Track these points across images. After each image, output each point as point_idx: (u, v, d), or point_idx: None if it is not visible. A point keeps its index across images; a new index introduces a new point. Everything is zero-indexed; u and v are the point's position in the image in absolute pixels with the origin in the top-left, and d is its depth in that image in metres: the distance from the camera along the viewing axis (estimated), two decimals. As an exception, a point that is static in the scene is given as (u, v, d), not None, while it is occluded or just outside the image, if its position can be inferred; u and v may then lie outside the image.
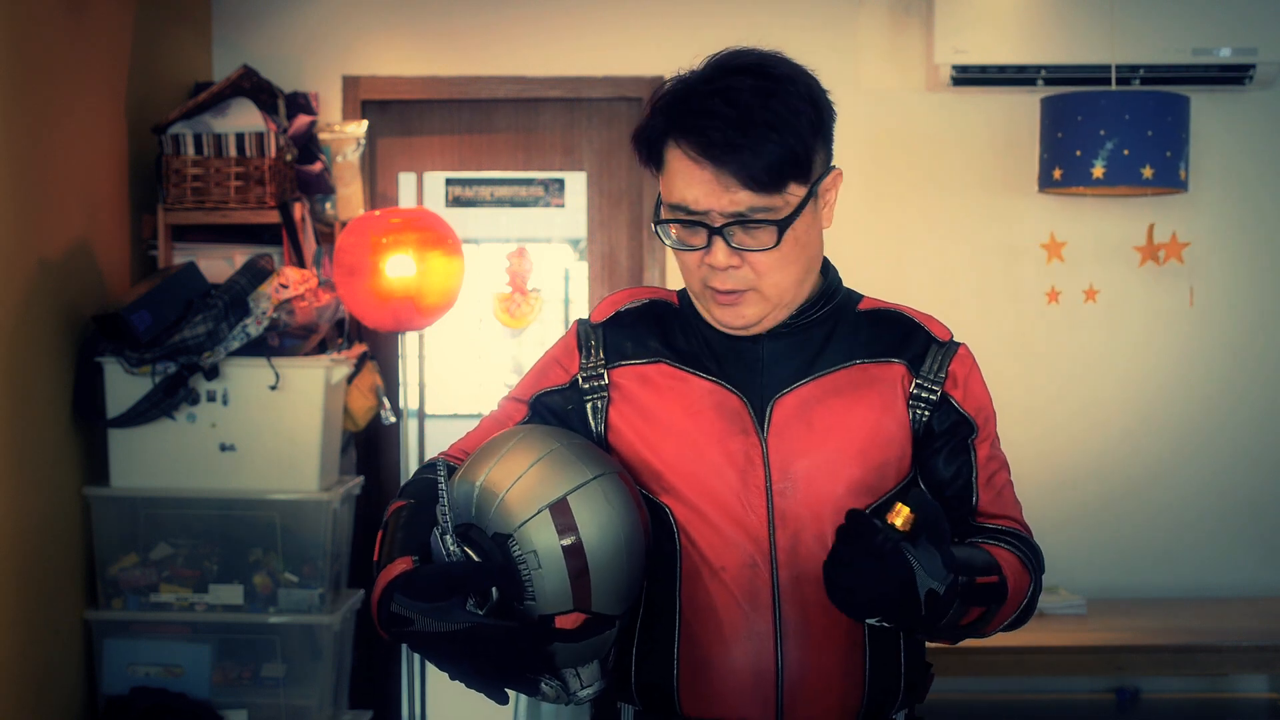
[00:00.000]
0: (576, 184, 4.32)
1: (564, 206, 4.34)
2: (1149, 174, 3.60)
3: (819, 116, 1.60)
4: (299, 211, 3.61)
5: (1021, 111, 4.09)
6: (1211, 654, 3.67)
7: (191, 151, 3.55)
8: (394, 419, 3.87)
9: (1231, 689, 4.18)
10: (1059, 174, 3.70)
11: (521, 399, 1.77)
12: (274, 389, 3.35)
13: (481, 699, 1.51)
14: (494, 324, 4.35)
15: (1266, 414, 4.18)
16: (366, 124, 4.00)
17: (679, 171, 1.59)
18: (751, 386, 1.67)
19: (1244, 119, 4.14)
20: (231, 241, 3.65)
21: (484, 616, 1.48)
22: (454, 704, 3.53)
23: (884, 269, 4.09)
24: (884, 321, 1.73)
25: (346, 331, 3.77)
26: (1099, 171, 3.62)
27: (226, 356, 3.32)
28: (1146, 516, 4.19)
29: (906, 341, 1.71)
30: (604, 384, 1.72)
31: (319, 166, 3.82)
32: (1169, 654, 3.67)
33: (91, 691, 3.38)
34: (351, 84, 4.17)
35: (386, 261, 3.47)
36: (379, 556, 1.57)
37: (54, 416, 3.23)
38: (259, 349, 3.36)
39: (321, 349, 3.59)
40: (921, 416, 1.68)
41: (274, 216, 3.56)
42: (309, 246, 3.66)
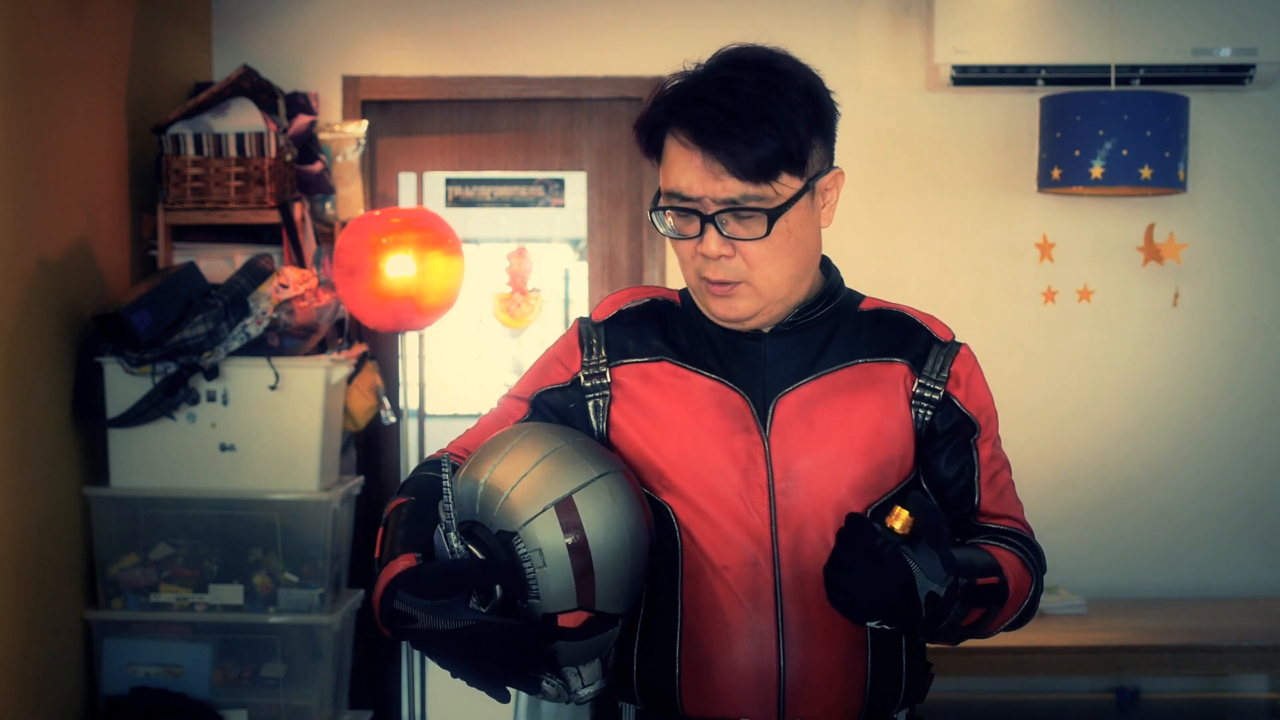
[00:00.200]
0: (576, 184, 4.32)
1: (564, 206, 4.34)
2: (1148, 174, 3.61)
3: (818, 113, 1.61)
4: (299, 211, 3.61)
5: (1021, 111, 4.09)
6: (1211, 654, 3.67)
7: (191, 151, 3.55)
8: (394, 419, 3.87)
9: (1231, 689, 4.18)
10: (1058, 174, 3.70)
11: (522, 397, 1.76)
12: (274, 389, 3.35)
13: (481, 699, 1.51)
14: (494, 324, 4.35)
15: (1266, 414, 4.19)
16: (366, 124, 4.00)
17: (675, 159, 1.60)
18: (754, 385, 1.67)
19: (1244, 119, 4.14)
20: (231, 241, 3.65)
21: (487, 614, 1.48)
22: (454, 704, 3.54)
23: (883, 269, 4.09)
24: (886, 321, 1.73)
25: (346, 331, 3.77)
26: (1098, 171, 3.62)
27: (226, 356, 3.32)
28: (1146, 516, 4.19)
29: (908, 341, 1.71)
30: (606, 382, 1.71)
31: (319, 166, 3.82)
32: (1169, 654, 3.67)
33: (91, 691, 3.37)
34: (351, 84, 4.17)
35: (386, 261, 3.47)
36: (380, 553, 1.57)
37: (54, 416, 3.23)
38: (259, 349, 3.36)
39: (321, 349, 3.59)
40: (924, 416, 1.69)
41: (274, 216, 3.56)
42: (309, 246, 3.66)
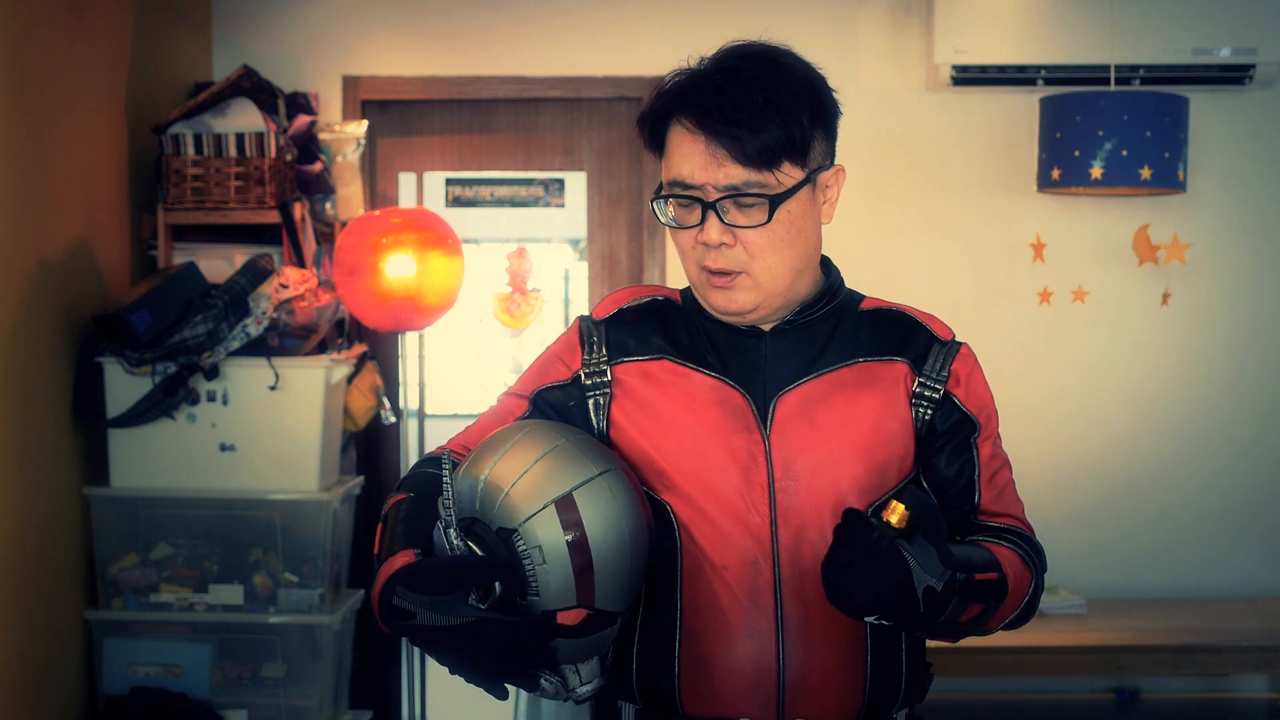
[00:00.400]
0: (576, 184, 4.32)
1: (564, 206, 4.34)
2: (1147, 175, 3.61)
3: (821, 106, 1.63)
4: (299, 211, 3.61)
5: (1021, 111, 4.09)
6: (1211, 654, 3.67)
7: (191, 151, 3.55)
8: (394, 419, 3.87)
9: (1231, 689, 4.18)
10: (1057, 174, 3.69)
11: (522, 394, 1.76)
12: (274, 389, 3.35)
13: (481, 698, 1.51)
14: (494, 324, 4.35)
15: (1266, 414, 4.19)
16: (366, 124, 4.00)
17: (678, 147, 1.62)
18: (754, 383, 1.67)
19: (1244, 119, 4.14)
20: (231, 241, 3.65)
21: (486, 611, 1.48)
22: (454, 704, 3.54)
23: (883, 268, 4.09)
24: (886, 320, 1.73)
25: (346, 331, 3.77)
26: (1097, 172, 3.62)
27: (226, 356, 3.32)
28: (1146, 516, 4.19)
29: (909, 340, 1.71)
30: (606, 380, 1.71)
31: (319, 166, 3.82)
32: (1169, 654, 3.67)
33: (91, 691, 3.37)
34: (351, 84, 4.17)
35: (386, 261, 3.47)
36: (379, 549, 1.57)
37: (54, 416, 3.23)
38: (259, 349, 3.36)
39: (321, 349, 3.59)
40: (924, 415, 1.69)
41: (274, 216, 3.56)
42: (309, 246, 3.66)
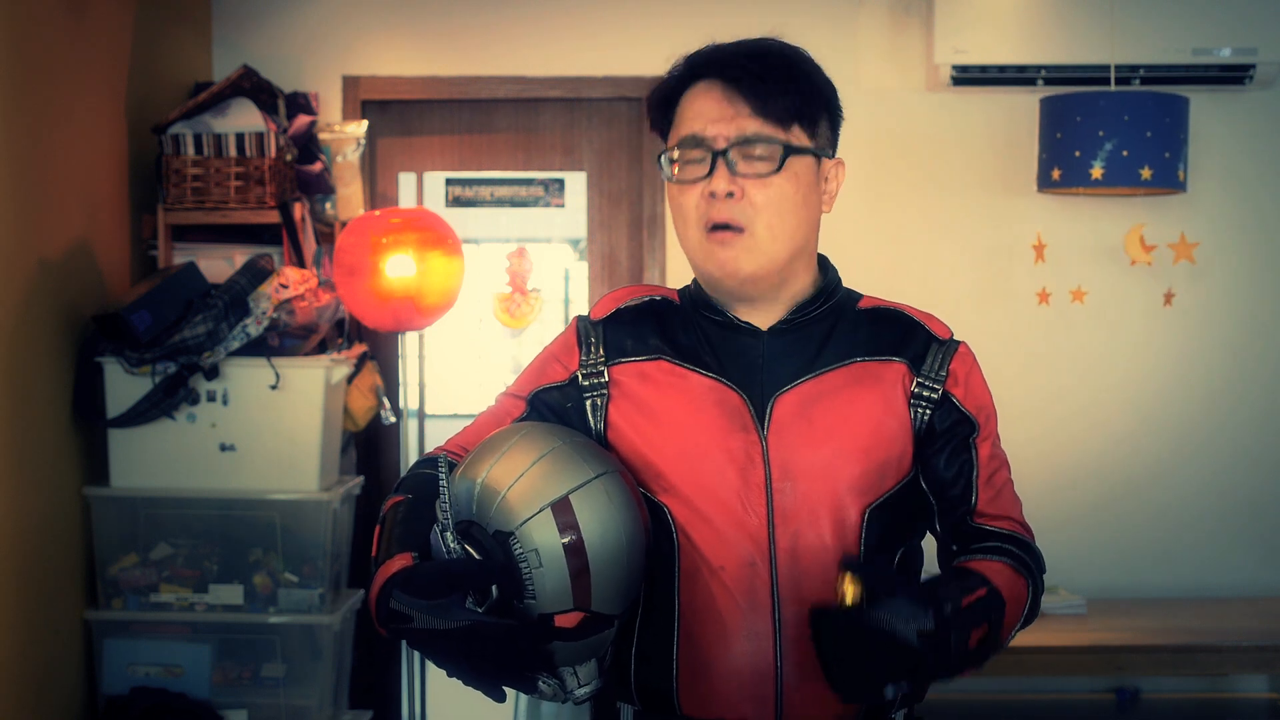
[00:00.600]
0: (576, 184, 4.32)
1: (564, 206, 4.34)
2: (1147, 175, 3.60)
3: (833, 96, 1.70)
4: (299, 211, 3.61)
5: (1021, 112, 4.08)
6: (1211, 654, 3.67)
7: (191, 151, 3.55)
8: (394, 419, 3.87)
9: (1231, 689, 4.18)
10: (1058, 174, 3.69)
11: (520, 395, 1.76)
12: (274, 389, 3.35)
13: (481, 699, 1.51)
14: (494, 324, 4.35)
15: (1266, 414, 4.18)
16: (366, 124, 4.00)
17: (691, 104, 1.66)
18: (752, 384, 1.67)
19: (1244, 119, 4.13)
20: (231, 241, 3.65)
21: (483, 614, 1.48)
22: (454, 704, 3.54)
23: (883, 268, 4.09)
24: (884, 320, 1.73)
25: (346, 331, 3.77)
26: (1098, 172, 3.62)
27: (226, 356, 3.32)
28: (1146, 516, 4.19)
29: (907, 340, 1.71)
30: (604, 381, 1.71)
31: (319, 166, 3.82)
32: (1169, 654, 3.67)
33: (91, 691, 3.38)
34: (351, 84, 4.17)
35: (386, 261, 3.47)
36: (377, 552, 1.58)
37: (54, 416, 3.23)
38: (259, 349, 3.36)
39: (321, 349, 3.59)
40: (923, 415, 1.68)
41: (274, 216, 3.56)
42: (309, 246, 3.66)
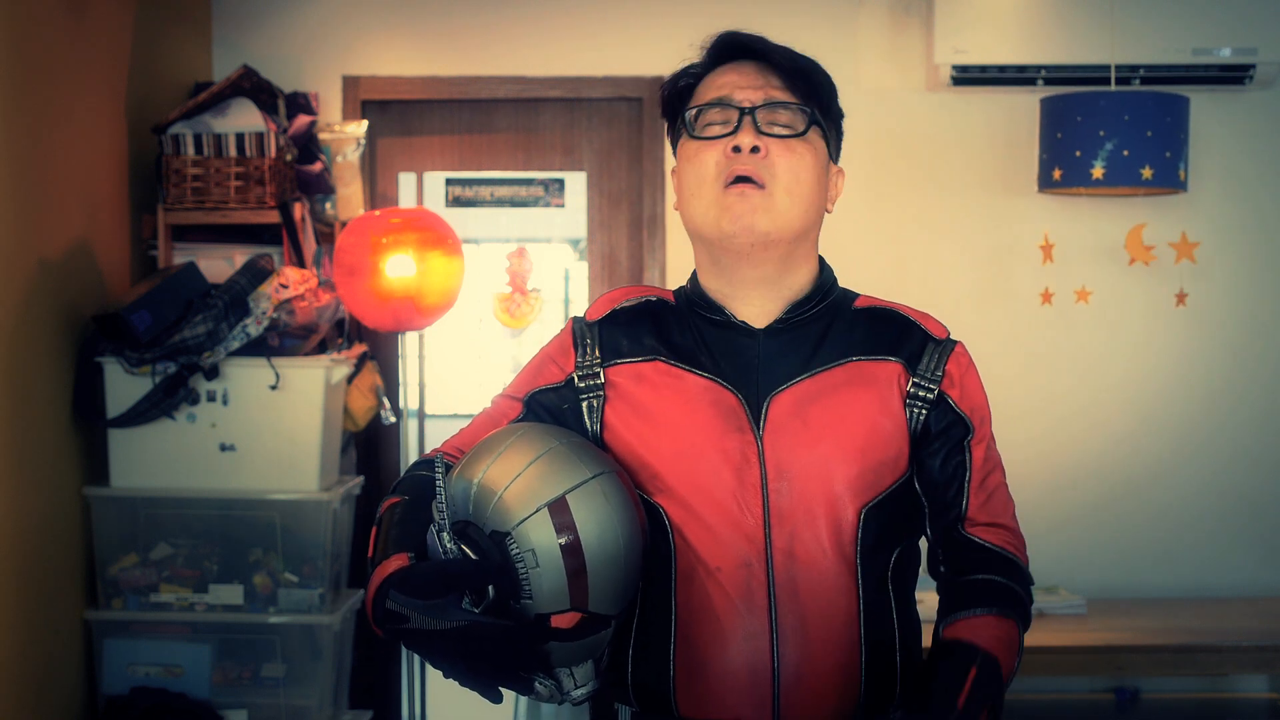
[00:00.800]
0: (576, 184, 4.32)
1: (564, 206, 4.34)
2: (1148, 174, 3.60)
3: (837, 102, 1.74)
4: (299, 211, 3.61)
5: (1021, 112, 4.08)
6: (1211, 654, 3.67)
7: (191, 151, 3.55)
8: (394, 419, 3.87)
9: (1231, 689, 4.18)
10: (1058, 174, 3.69)
11: (516, 396, 1.76)
12: (274, 389, 3.35)
13: (481, 699, 1.51)
14: (494, 324, 4.35)
15: (1266, 414, 4.18)
16: (366, 124, 4.00)
17: (719, 77, 1.71)
18: (747, 383, 1.67)
19: (1244, 119, 4.13)
20: (231, 241, 3.65)
21: (480, 615, 1.48)
22: (454, 704, 3.54)
23: (883, 268, 4.09)
24: (880, 319, 1.73)
25: (346, 331, 3.77)
26: (1098, 172, 3.62)
27: (226, 356, 3.33)
28: (1146, 516, 4.19)
29: (903, 339, 1.71)
30: (600, 383, 1.71)
31: (319, 166, 3.82)
32: (1169, 654, 3.67)
33: (91, 691, 3.38)
34: (351, 84, 4.17)
35: (386, 261, 3.47)
36: (374, 552, 1.58)
37: (54, 416, 3.23)
38: (259, 349, 3.36)
39: (321, 349, 3.59)
40: (919, 415, 1.68)
41: (274, 216, 3.56)
42: (309, 246, 3.66)
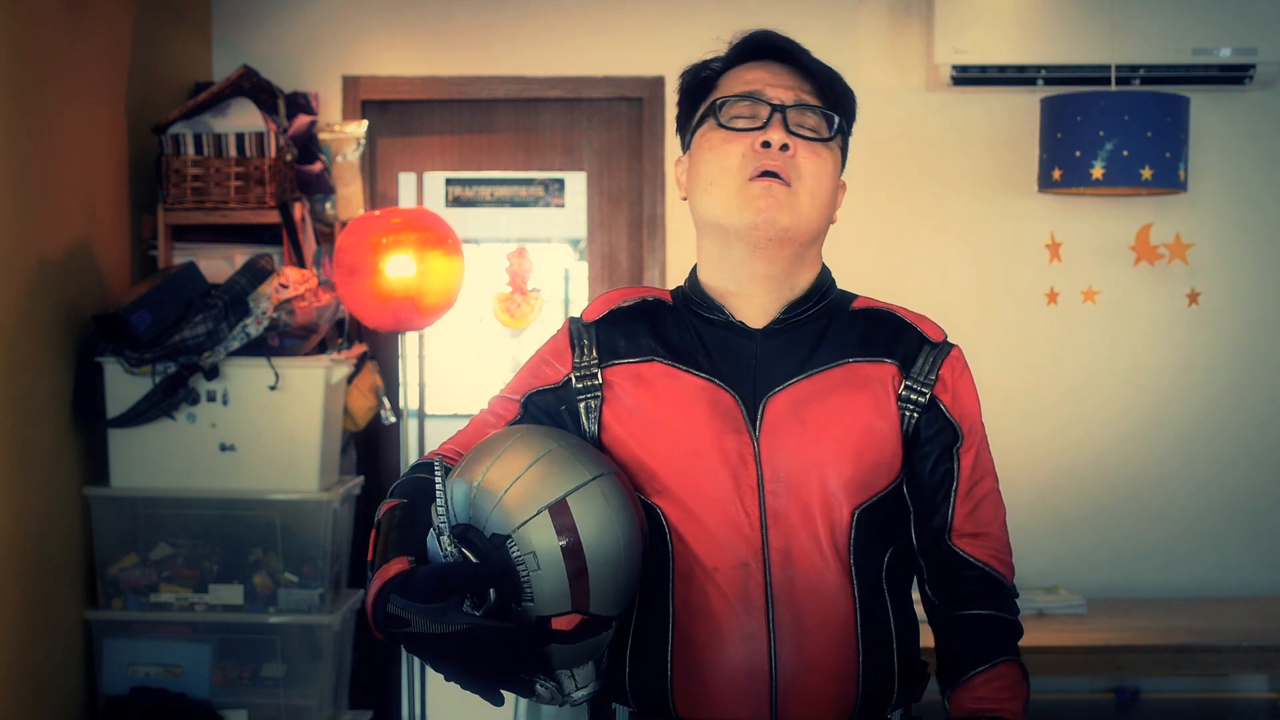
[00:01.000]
0: (576, 184, 4.32)
1: (564, 206, 4.34)
2: (1148, 175, 3.60)
3: (854, 119, 1.75)
4: (299, 211, 3.61)
5: (1021, 111, 4.08)
6: (1211, 654, 3.67)
7: (191, 151, 3.55)
8: (394, 419, 3.87)
9: (1231, 689, 4.18)
10: (1058, 174, 3.69)
11: (513, 398, 1.76)
12: (274, 389, 3.35)
13: (481, 700, 1.51)
14: (494, 324, 4.35)
15: (1267, 414, 4.18)
16: (366, 124, 4.00)
17: (748, 71, 1.70)
18: (744, 384, 1.67)
19: (1244, 119, 4.13)
20: (231, 241, 3.65)
21: (481, 618, 1.48)
22: (454, 704, 3.54)
23: (883, 269, 4.09)
24: (877, 321, 1.73)
25: (346, 331, 3.77)
26: (1098, 172, 3.61)
27: (226, 356, 3.33)
28: (1147, 517, 4.19)
29: (898, 341, 1.71)
30: (597, 383, 1.71)
31: (319, 166, 3.82)
32: (1169, 654, 3.67)
33: (91, 691, 3.38)
34: (351, 84, 4.17)
35: (386, 261, 3.47)
36: (373, 557, 1.58)
37: (54, 416, 3.23)
38: (259, 349, 3.36)
39: (321, 349, 3.59)
40: (911, 418, 1.68)
41: (274, 216, 3.56)
42: (309, 246, 3.66)
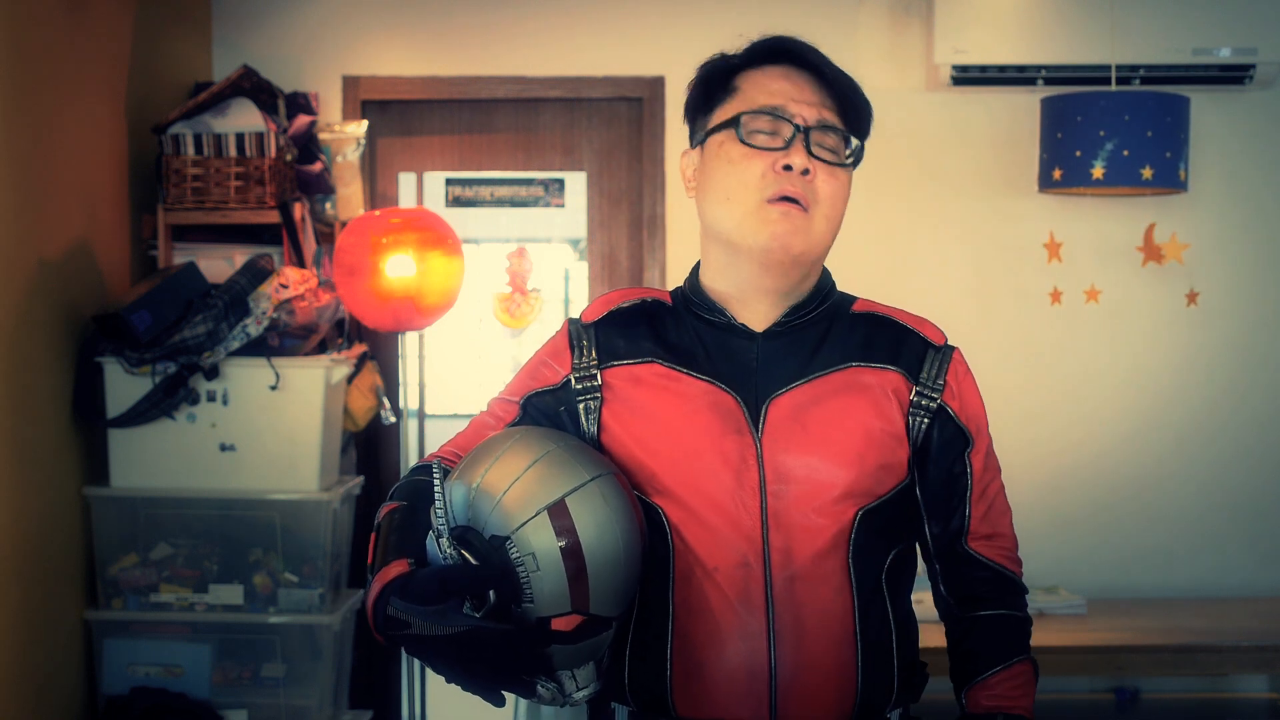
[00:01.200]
0: (576, 184, 4.32)
1: (564, 206, 4.34)
2: (1149, 174, 3.60)
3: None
4: (299, 211, 3.61)
5: (1021, 111, 4.08)
6: (1211, 654, 3.67)
7: (191, 151, 3.55)
8: (394, 419, 3.87)
9: (1231, 689, 4.18)
10: (1059, 174, 3.69)
11: (512, 399, 1.76)
12: (274, 389, 3.35)
13: (480, 700, 1.51)
14: (494, 324, 4.35)
15: (1267, 414, 4.18)
16: (366, 124, 4.00)
17: (771, 80, 1.66)
18: (746, 386, 1.67)
19: (1244, 119, 4.13)
20: (231, 241, 3.65)
21: (481, 619, 1.48)
22: (454, 704, 3.54)
23: (884, 269, 4.09)
24: (878, 325, 1.73)
25: (346, 331, 3.77)
26: (1099, 172, 3.61)
27: (226, 356, 3.33)
28: (1147, 517, 4.19)
29: (902, 348, 1.71)
30: (596, 384, 1.71)
31: (319, 166, 3.82)
32: (1169, 654, 3.67)
33: (91, 691, 3.38)
34: (351, 84, 4.17)
35: (386, 261, 3.47)
36: (373, 559, 1.58)
37: (54, 416, 3.23)
38: (259, 349, 3.36)
39: (321, 349, 3.59)
40: (920, 424, 1.69)
41: (274, 216, 3.56)
42: (309, 246, 3.66)
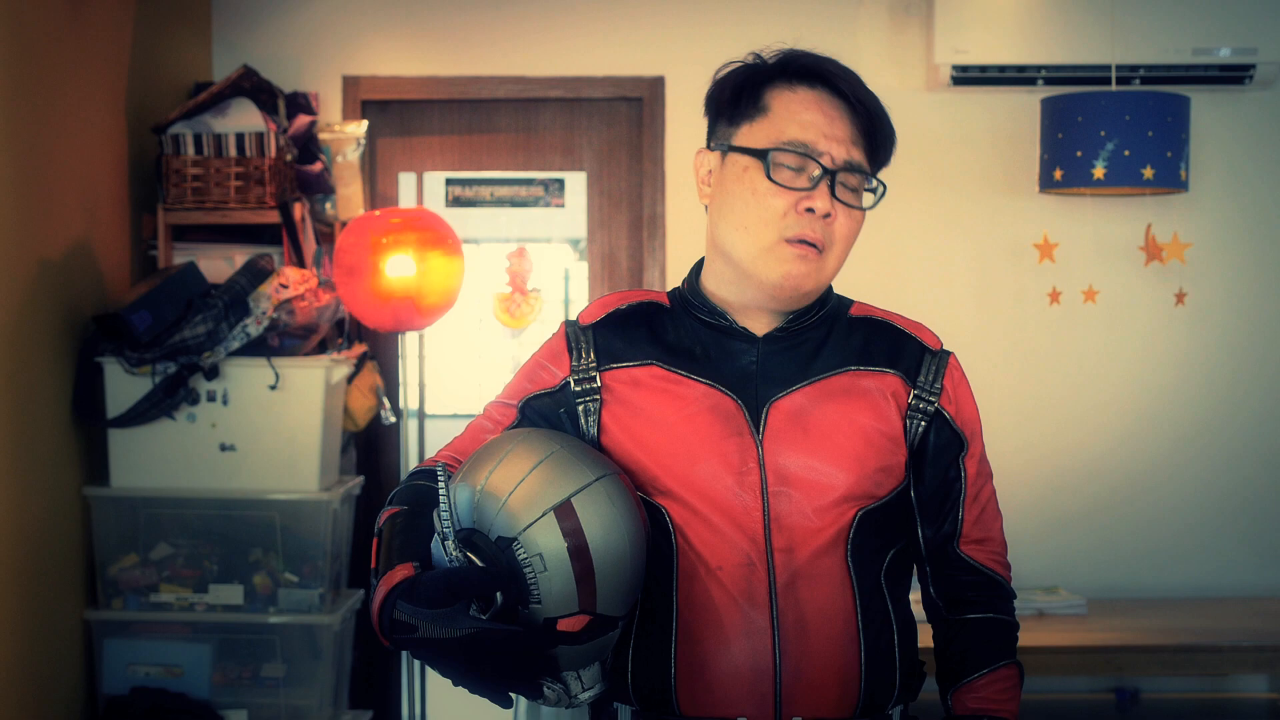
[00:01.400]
0: (576, 184, 4.32)
1: (564, 206, 4.33)
2: (1149, 174, 3.60)
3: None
4: (299, 211, 3.60)
5: (1022, 112, 4.08)
6: (1211, 654, 3.67)
7: (191, 151, 3.55)
8: (394, 419, 3.87)
9: (1231, 689, 4.18)
10: (1059, 175, 3.69)
11: (510, 402, 1.76)
12: (274, 389, 3.35)
13: (481, 699, 1.51)
14: (494, 324, 4.35)
15: (1267, 414, 4.18)
16: (366, 124, 4.00)
17: (803, 110, 1.63)
18: (746, 389, 1.68)
19: (1244, 119, 4.13)
20: (231, 241, 3.65)
21: (487, 621, 1.48)
22: (454, 704, 3.54)
23: (884, 269, 4.09)
24: (876, 330, 1.75)
25: (346, 331, 3.77)
26: (1099, 172, 3.62)
27: (226, 356, 3.32)
28: (1146, 517, 4.19)
29: (899, 352, 1.73)
30: (596, 386, 1.71)
31: (319, 166, 3.82)
32: (1169, 654, 3.67)
33: (91, 691, 3.37)
34: (351, 84, 4.17)
35: (386, 261, 3.47)
36: (377, 564, 1.57)
37: (54, 416, 3.23)
38: (259, 349, 3.36)
39: (321, 349, 3.59)
40: (918, 428, 1.70)
41: (274, 216, 3.55)
42: (309, 246, 3.66)
